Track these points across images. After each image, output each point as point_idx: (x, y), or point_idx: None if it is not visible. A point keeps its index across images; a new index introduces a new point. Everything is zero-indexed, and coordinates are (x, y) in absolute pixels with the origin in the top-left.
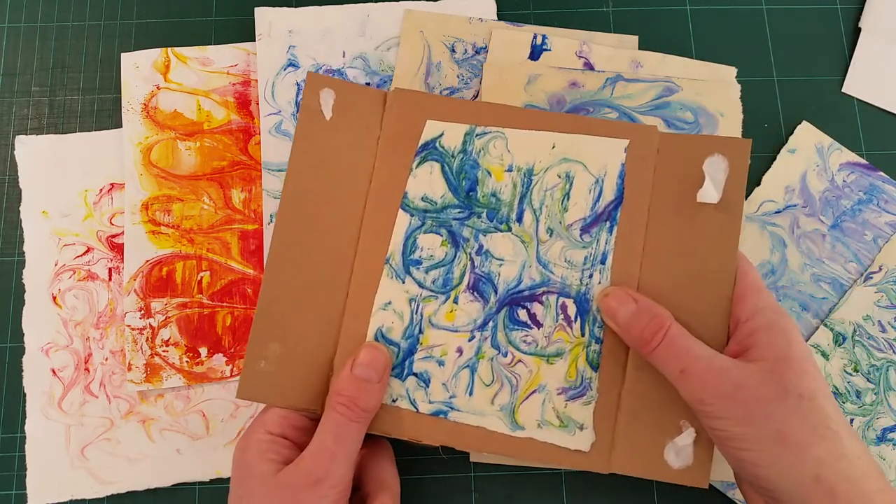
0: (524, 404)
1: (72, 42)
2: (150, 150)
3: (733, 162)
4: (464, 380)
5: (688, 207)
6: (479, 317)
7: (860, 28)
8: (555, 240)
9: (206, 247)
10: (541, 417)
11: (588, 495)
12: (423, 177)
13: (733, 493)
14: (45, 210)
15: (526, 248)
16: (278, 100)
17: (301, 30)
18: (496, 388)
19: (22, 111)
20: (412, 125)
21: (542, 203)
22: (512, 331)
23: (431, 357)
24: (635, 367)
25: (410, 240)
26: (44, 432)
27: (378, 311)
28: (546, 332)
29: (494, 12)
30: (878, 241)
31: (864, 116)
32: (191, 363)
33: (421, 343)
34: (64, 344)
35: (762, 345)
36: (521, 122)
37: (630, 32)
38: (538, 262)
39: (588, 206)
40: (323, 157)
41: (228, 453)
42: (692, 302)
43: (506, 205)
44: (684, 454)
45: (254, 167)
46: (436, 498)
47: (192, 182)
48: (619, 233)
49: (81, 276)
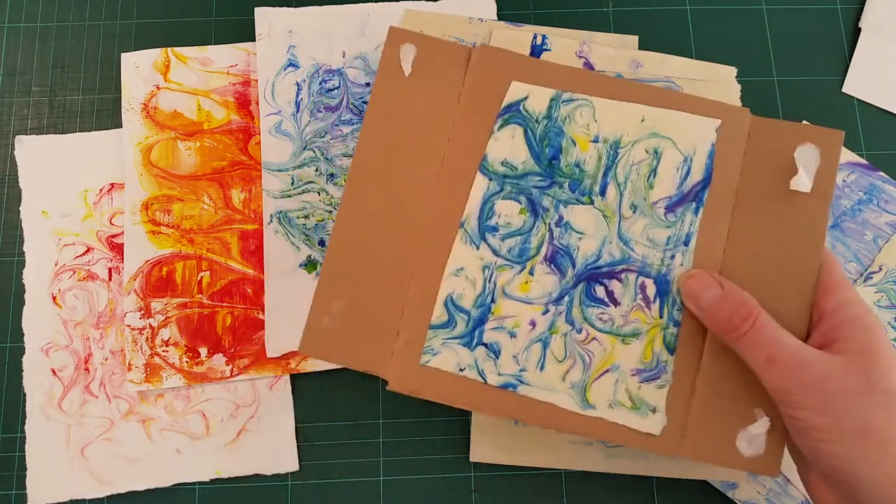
0: (596, 383)
1: (72, 42)
2: (150, 150)
3: (825, 152)
4: (535, 354)
5: (776, 194)
6: (554, 290)
7: (860, 28)
8: (638, 217)
9: (206, 247)
10: (613, 398)
11: (588, 495)
12: (504, 140)
13: (733, 494)
14: (45, 210)
15: (608, 223)
16: (278, 100)
17: (301, 30)
18: (568, 364)
19: (22, 111)
20: (496, 85)
21: (628, 178)
22: (588, 307)
23: (503, 328)
24: (712, 352)
25: (488, 205)
26: (44, 432)
27: (450, 276)
28: (623, 310)
29: (494, 12)
30: (878, 241)
31: (864, 116)
32: (191, 363)
33: (493, 313)
34: (64, 344)
35: (848, 338)
36: (610, 92)
37: (630, 32)
38: (619, 238)
39: (675, 185)
40: (400, 112)
41: (228, 453)
42: (775, 290)
43: (589, 176)
44: (757, 443)
45: (254, 167)
46: (436, 498)
47: (192, 182)
48: (704, 215)
49: (81, 276)
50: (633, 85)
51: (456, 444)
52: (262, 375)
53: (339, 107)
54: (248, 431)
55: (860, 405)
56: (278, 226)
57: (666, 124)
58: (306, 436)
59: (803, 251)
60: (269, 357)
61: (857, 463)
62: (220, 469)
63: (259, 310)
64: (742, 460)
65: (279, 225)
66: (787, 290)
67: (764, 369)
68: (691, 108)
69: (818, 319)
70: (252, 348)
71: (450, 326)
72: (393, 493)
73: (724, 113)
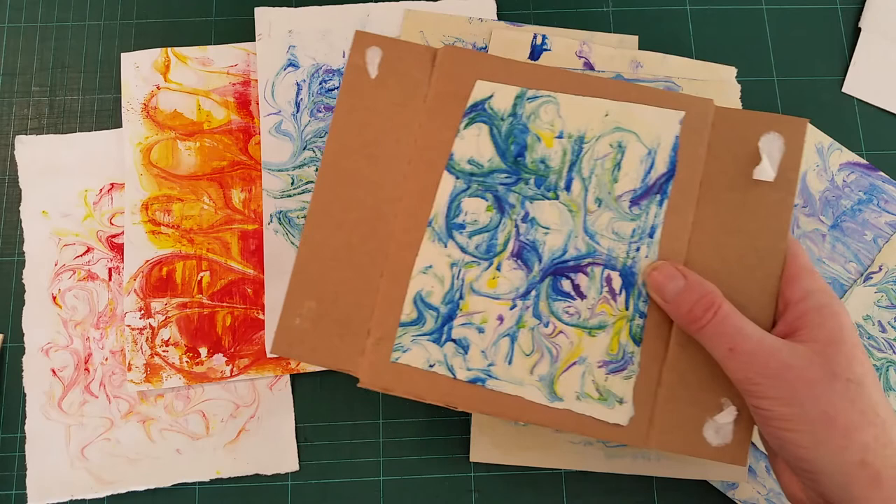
0: (564, 375)
1: (72, 42)
2: (150, 150)
3: (789, 140)
4: (503, 348)
5: (740, 184)
6: (521, 285)
7: (860, 28)
8: (603, 210)
9: (206, 247)
10: (580, 389)
11: (588, 495)
12: (470, 139)
13: (733, 494)
14: (45, 210)
15: (573, 218)
16: (278, 100)
17: (301, 30)
18: (536, 357)
19: (22, 111)
20: (461, 85)
21: (592, 172)
22: (555, 301)
23: (471, 324)
24: (678, 343)
25: (455, 203)
26: (44, 432)
27: (418, 274)
28: (589, 303)
29: (494, 12)
30: (878, 241)
31: (864, 116)
32: (191, 363)
33: (461, 309)
34: (64, 344)
35: (813, 327)
36: (574, 88)
37: (630, 32)
38: (585, 232)
39: (639, 178)
40: (367, 114)
41: (228, 453)
42: (740, 280)
43: (554, 172)
44: (724, 432)
45: (254, 167)
46: (436, 498)
47: (192, 182)
48: (669, 207)
49: (81, 276)
50: (597, 80)
51: (456, 444)
52: (262, 375)
53: None
54: (248, 431)
55: (822, 394)
56: (278, 226)
57: (630, 118)
58: (306, 436)
59: (768, 240)
60: (269, 357)
61: (820, 451)
62: (220, 469)
63: (259, 310)
64: (710, 450)
65: (279, 225)
66: (752, 280)
67: (727, 359)
68: (655, 101)
69: (783, 308)
70: (252, 348)
71: (419, 323)
72: (393, 493)
73: (688, 105)
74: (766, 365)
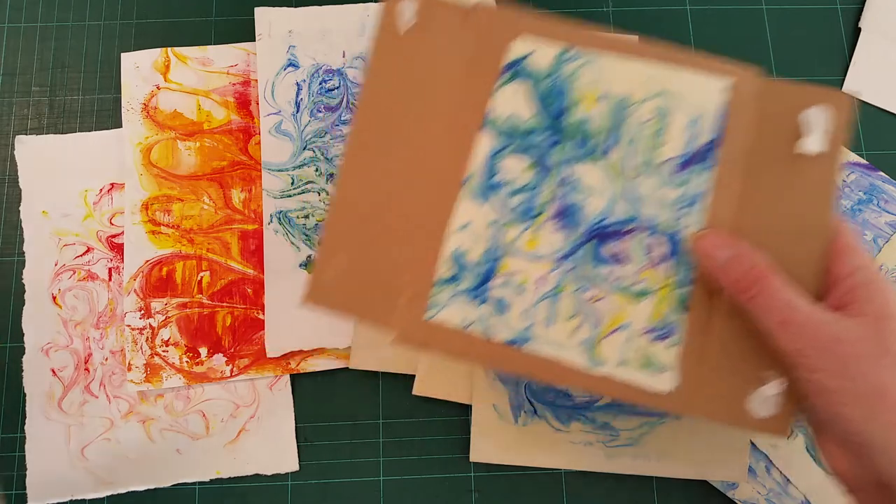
0: (606, 341)
1: (72, 42)
2: (150, 150)
3: (837, 114)
4: (543, 310)
5: (786, 157)
6: (562, 247)
7: (860, 28)
8: (646, 176)
9: (206, 247)
10: (622, 356)
11: (588, 495)
12: (508, 97)
13: (733, 494)
14: (45, 210)
15: (615, 181)
16: (278, 100)
17: (301, 30)
18: (577, 321)
19: (22, 111)
20: (499, 41)
21: (636, 136)
22: (597, 266)
23: (510, 284)
24: (724, 313)
25: (493, 162)
26: (44, 432)
27: (455, 232)
28: (633, 269)
29: None
30: (878, 241)
31: (864, 116)
32: (191, 363)
33: (500, 269)
34: (64, 344)
35: (862, 302)
36: (617, 49)
37: (630, 32)
38: (628, 196)
39: (683, 144)
40: (401, 71)
41: (228, 453)
42: (787, 254)
43: (597, 134)
44: (770, 403)
45: (254, 167)
46: (436, 498)
47: (192, 182)
48: (716, 175)
49: (81, 276)
50: (642, 43)
51: (456, 444)
52: (262, 375)
53: (339, 107)
54: (248, 431)
55: (874, 368)
56: (278, 226)
57: (675, 83)
58: (306, 436)
59: (815, 215)
60: (269, 357)
61: (871, 425)
62: (220, 469)
63: (259, 310)
64: (753, 421)
65: (279, 225)
66: (799, 254)
67: (777, 331)
68: (701, 66)
69: (831, 284)
70: (252, 348)
71: (456, 281)
72: (393, 493)
73: (735, 73)
74: (817, 338)
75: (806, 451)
